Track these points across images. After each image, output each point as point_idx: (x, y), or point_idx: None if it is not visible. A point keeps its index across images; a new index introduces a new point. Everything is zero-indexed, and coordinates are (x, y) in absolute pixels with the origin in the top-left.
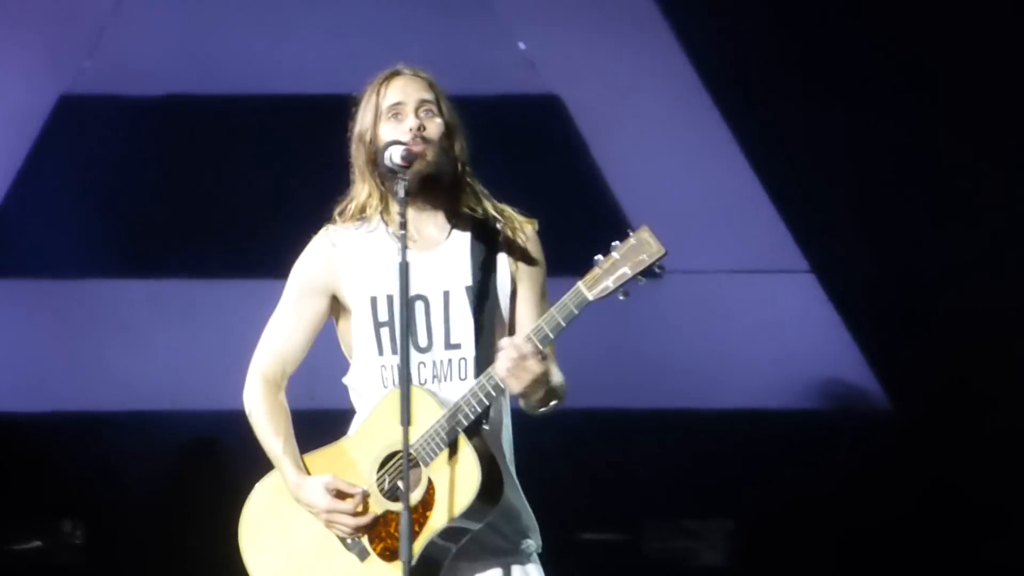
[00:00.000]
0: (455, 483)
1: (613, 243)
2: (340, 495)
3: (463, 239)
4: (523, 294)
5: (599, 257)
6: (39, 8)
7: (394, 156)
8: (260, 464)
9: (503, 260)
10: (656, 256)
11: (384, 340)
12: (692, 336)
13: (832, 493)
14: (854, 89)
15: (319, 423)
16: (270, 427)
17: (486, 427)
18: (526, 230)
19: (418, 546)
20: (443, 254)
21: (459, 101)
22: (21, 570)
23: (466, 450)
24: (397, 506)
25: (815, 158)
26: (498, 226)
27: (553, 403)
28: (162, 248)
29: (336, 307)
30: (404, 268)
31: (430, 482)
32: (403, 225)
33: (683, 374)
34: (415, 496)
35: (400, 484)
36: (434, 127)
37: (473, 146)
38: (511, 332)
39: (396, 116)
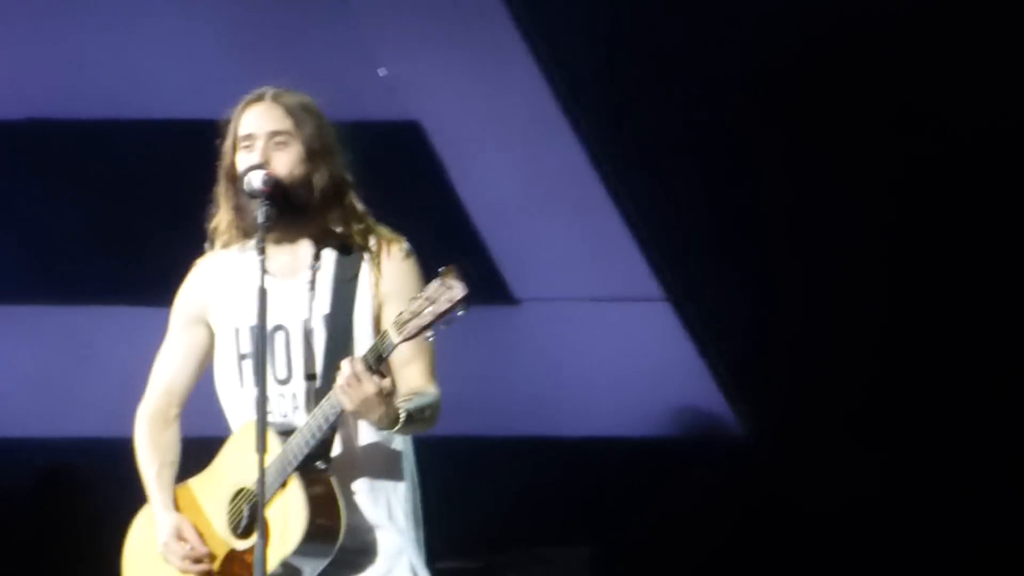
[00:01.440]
0: (286, 523)
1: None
2: (180, 536)
3: (326, 265)
4: (390, 316)
5: (413, 297)
6: None
7: (253, 181)
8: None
9: (366, 284)
10: (457, 299)
11: (246, 372)
12: (548, 363)
13: (686, 517)
14: (713, 113)
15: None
16: (146, 458)
17: (336, 455)
18: (392, 250)
19: None
20: (304, 282)
21: None
22: None
23: (295, 489)
24: (240, 544)
25: (673, 185)
26: (368, 248)
27: (412, 425)
28: (25, 272)
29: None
30: (262, 294)
31: (267, 521)
32: (262, 251)
33: (538, 401)
34: (255, 537)
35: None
36: (284, 159)
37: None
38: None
39: (247, 148)
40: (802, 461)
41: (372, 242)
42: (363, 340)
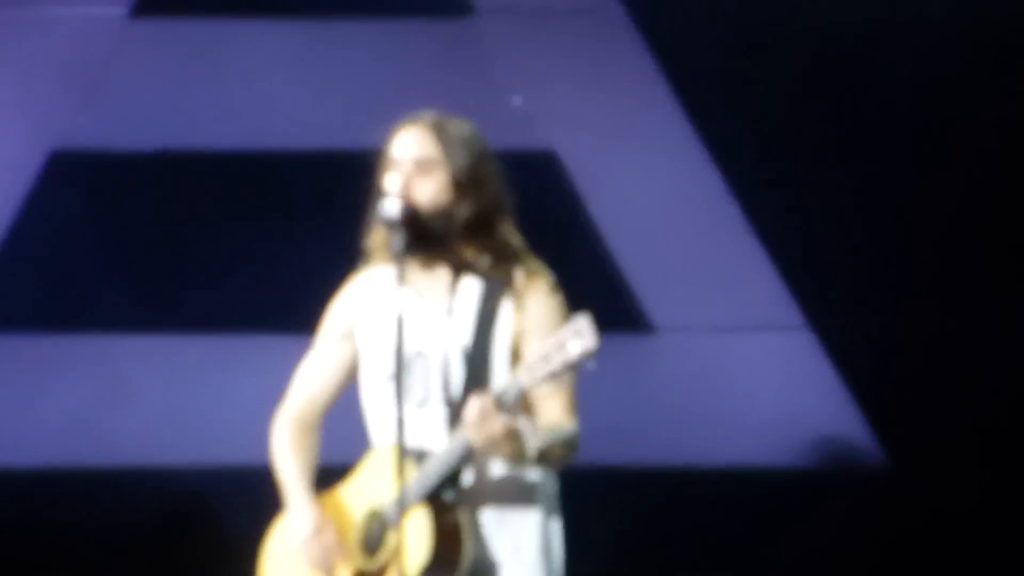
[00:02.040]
0: (408, 550)
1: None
2: (322, 533)
3: (470, 294)
4: (529, 350)
5: (546, 340)
6: (31, 60)
7: (387, 209)
8: (254, 521)
9: (507, 316)
10: (588, 351)
11: (389, 393)
12: (685, 392)
13: (828, 549)
14: (858, 145)
15: None
16: (286, 459)
17: (467, 486)
18: (537, 284)
19: None
20: (446, 309)
21: None
22: None
23: (421, 518)
24: (369, 564)
25: (814, 212)
26: (512, 281)
27: (545, 461)
28: (156, 302)
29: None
30: (399, 323)
31: (394, 546)
32: (400, 278)
33: (676, 431)
34: (381, 558)
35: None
36: (427, 187)
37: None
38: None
39: (393, 171)
40: (948, 492)
41: (518, 274)
42: (501, 372)
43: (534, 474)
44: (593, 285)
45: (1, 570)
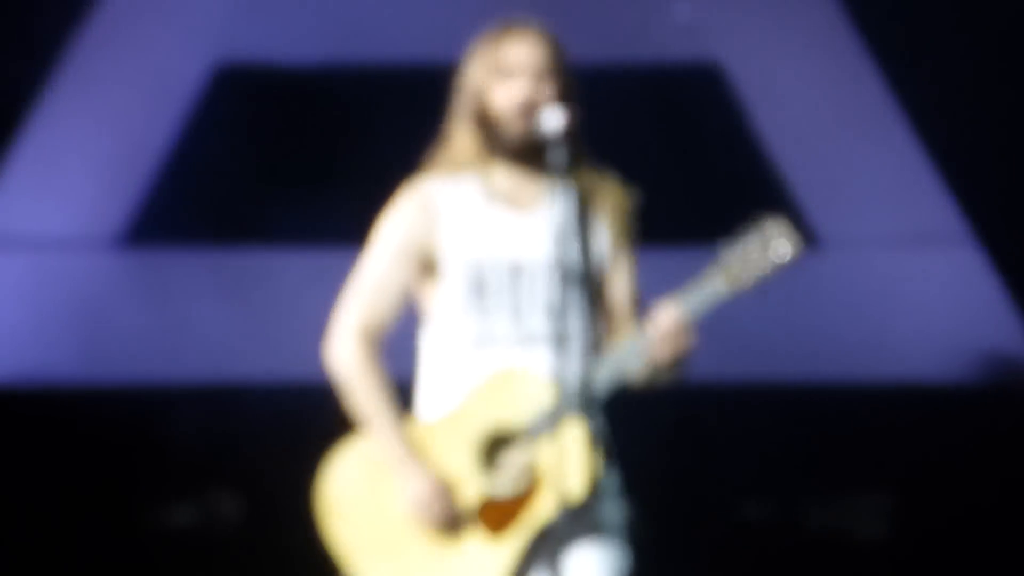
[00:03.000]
0: (570, 467)
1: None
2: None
3: (563, 208)
4: (619, 265)
5: (732, 247)
6: None
7: (550, 121)
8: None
9: (601, 230)
10: (791, 254)
11: (483, 311)
12: (851, 307)
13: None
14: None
15: None
16: (372, 390)
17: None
18: (622, 200)
19: (524, 536)
20: (541, 220)
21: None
22: (175, 543)
23: (574, 438)
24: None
25: (983, 126)
26: (599, 194)
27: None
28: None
29: (421, 267)
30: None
31: (538, 469)
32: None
33: (840, 346)
34: (520, 484)
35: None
36: (556, 95)
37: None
38: (605, 307)
39: (511, 78)
40: None
41: (607, 189)
42: (597, 285)
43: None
44: (759, 200)
45: (179, 479)
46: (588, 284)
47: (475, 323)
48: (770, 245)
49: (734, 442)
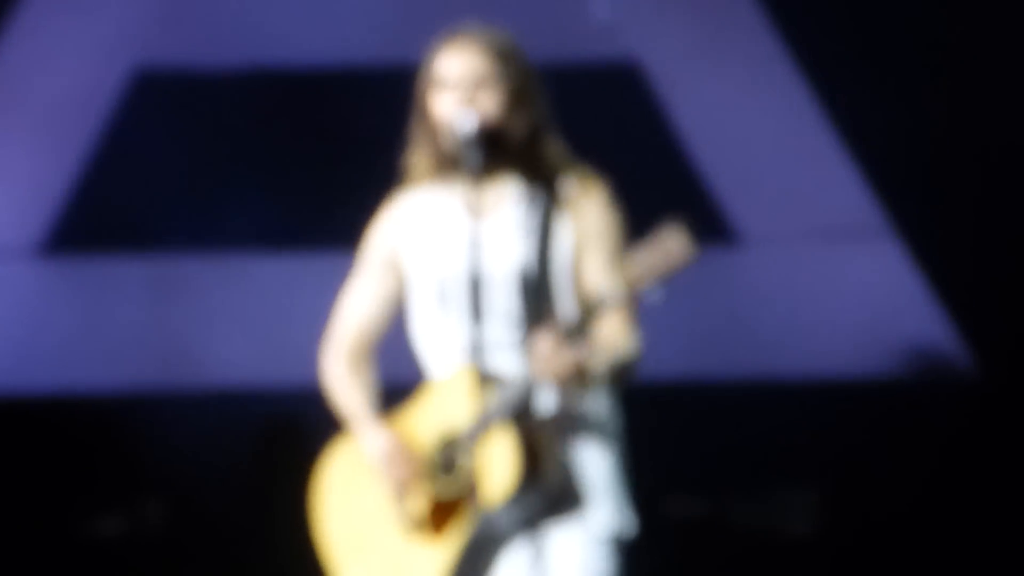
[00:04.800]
0: (493, 473)
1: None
2: (399, 452)
3: (525, 209)
4: (590, 260)
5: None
6: None
7: (463, 125)
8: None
9: (565, 231)
10: (688, 259)
11: (441, 318)
12: (771, 303)
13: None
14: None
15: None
16: (347, 390)
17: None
18: (593, 194)
19: (458, 537)
20: (502, 226)
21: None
22: (102, 552)
23: (505, 439)
24: (446, 489)
25: (900, 117)
26: (564, 193)
27: (608, 384)
28: (248, 222)
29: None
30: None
31: (477, 469)
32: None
33: (761, 342)
34: (459, 483)
35: (455, 464)
36: (491, 103)
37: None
38: (579, 300)
39: (448, 90)
40: None
41: (573, 186)
42: (562, 286)
43: (601, 408)
44: (676, 196)
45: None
46: (545, 288)
47: (438, 332)
48: (667, 249)
49: (658, 439)
